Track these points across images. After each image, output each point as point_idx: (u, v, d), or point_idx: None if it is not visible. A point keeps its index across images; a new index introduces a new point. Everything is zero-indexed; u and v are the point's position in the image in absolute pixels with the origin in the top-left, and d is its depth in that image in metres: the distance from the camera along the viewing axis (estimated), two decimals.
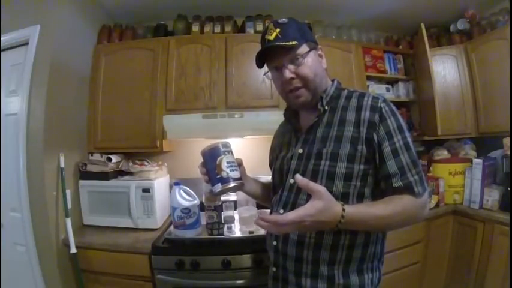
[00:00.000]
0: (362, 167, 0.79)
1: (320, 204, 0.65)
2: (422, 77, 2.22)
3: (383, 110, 0.80)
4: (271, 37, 0.82)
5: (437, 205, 1.99)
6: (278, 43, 0.81)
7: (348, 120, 0.82)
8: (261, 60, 0.88)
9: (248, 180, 1.00)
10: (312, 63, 0.84)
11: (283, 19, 0.86)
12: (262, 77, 1.85)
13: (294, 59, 0.83)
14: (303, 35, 0.85)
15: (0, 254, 1.62)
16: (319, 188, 0.66)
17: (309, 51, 0.84)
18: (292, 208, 0.84)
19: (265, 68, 0.91)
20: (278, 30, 0.82)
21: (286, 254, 0.85)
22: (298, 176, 0.67)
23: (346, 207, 0.68)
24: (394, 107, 0.83)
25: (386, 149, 0.78)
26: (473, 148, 2.21)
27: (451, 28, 2.32)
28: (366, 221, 0.71)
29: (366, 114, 0.80)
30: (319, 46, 0.90)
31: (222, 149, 0.86)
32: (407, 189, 0.75)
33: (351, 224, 0.69)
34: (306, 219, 0.64)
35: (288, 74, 0.82)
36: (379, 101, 0.82)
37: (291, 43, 0.80)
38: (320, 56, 0.90)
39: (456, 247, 1.99)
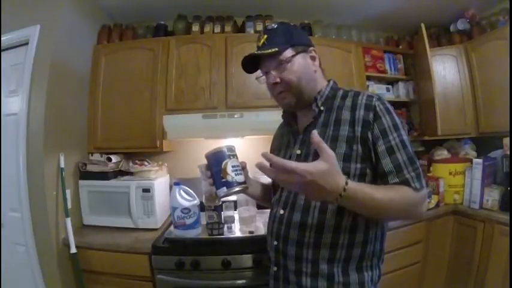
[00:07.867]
0: (359, 165, 0.79)
1: (324, 167, 0.61)
2: (422, 77, 2.22)
3: (377, 109, 0.80)
4: (260, 43, 0.87)
5: (437, 205, 1.99)
6: (259, 52, 0.85)
7: (343, 120, 0.83)
8: (255, 65, 0.91)
9: (251, 182, 1.00)
10: (297, 67, 0.85)
11: (273, 24, 0.89)
12: None
13: (278, 65, 0.85)
14: (289, 39, 0.86)
15: (0, 254, 1.62)
16: (328, 151, 0.62)
17: (294, 55, 0.85)
18: (292, 208, 0.85)
19: (258, 72, 0.94)
20: (266, 36, 0.86)
21: (286, 253, 0.85)
22: (314, 132, 0.64)
23: (349, 181, 0.65)
24: (389, 105, 0.83)
25: (381, 147, 0.77)
26: (473, 148, 2.21)
27: (451, 28, 2.32)
28: (365, 201, 0.69)
29: (360, 113, 0.81)
30: (311, 48, 0.90)
31: (227, 153, 0.86)
32: (404, 184, 0.75)
33: (351, 200, 0.66)
34: (307, 176, 0.60)
35: (272, 79, 0.86)
36: (374, 99, 0.82)
37: (269, 51, 0.82)
38: (312, 58, 0.90)
39: (456, 247, 1.99)
